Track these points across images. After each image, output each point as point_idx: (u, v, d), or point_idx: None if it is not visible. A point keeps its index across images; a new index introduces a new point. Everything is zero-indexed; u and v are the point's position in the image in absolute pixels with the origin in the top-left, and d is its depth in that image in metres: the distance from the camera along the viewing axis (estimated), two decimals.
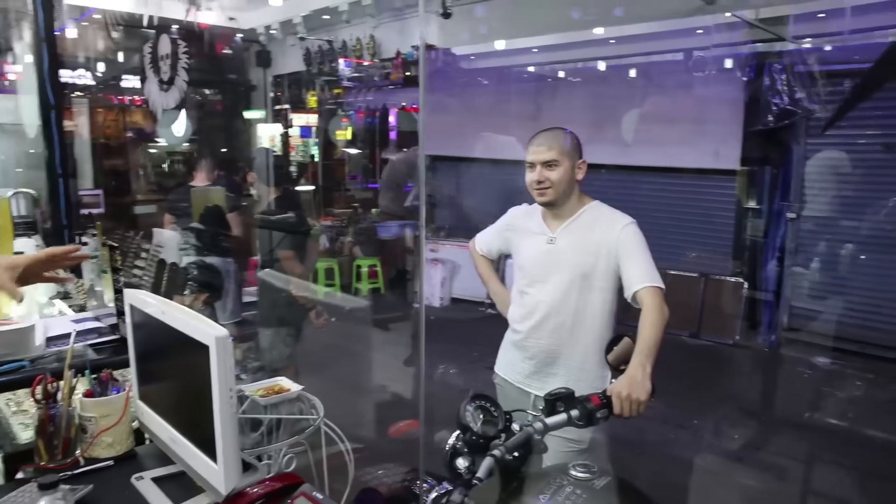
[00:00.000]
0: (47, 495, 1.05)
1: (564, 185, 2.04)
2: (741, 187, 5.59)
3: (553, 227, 2.11)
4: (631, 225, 2.02)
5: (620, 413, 1.68)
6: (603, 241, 2.01)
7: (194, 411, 1.30)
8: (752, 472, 3.41)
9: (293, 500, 1.26)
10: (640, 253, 1.98)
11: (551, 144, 2.04)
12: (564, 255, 2.05)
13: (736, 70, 5.34)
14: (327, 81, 7.90)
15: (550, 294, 2.07)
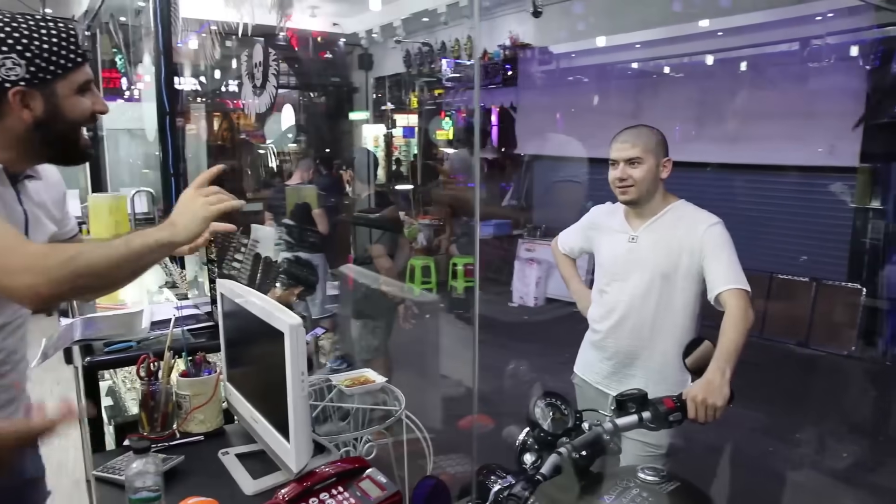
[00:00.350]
0: (139, 458, 1.16)
1: (647, 184, 1.99)
2: (861, 186, 5.16)
3: (635, 225, 2.07)
4: (717, 225, 1.94)
5: (695, 418, 1.62)
6: (686, 240, 1.95)
7: (272, 394, 1.39)
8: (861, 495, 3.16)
9: (360, 481, 1.32)
10: (726, 253, 1.90)
11: (635, 142, 2.00)
12: (646, 254, 2.01)
13: (858, 58, 4.95)
14: (427, 82, 8.05)
15: (630, 293, 2.03)
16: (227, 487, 1.42)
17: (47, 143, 1.26)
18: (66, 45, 1.20)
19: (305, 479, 1.29)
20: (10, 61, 1.16)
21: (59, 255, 1.11)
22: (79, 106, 1.26)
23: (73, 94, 1.24)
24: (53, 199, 1.45)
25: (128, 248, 1.18)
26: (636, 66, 6.71)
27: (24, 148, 1.25)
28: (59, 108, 1.23)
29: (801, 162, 5.26)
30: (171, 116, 2.72)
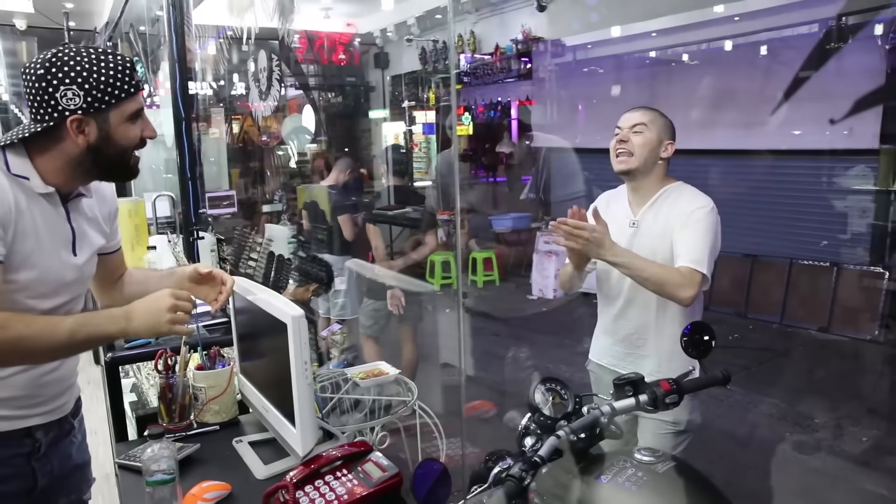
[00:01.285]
0: (155, 444, 1.24)
1: (646, 155, 2.00)
2: (884, 167, 5.07)
3: (636, 210, 2.09)
4: (703, 209, 1.95)
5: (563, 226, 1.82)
6: (677, 222, 1.97)
7: (280, 383, 1.46)
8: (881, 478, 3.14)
9: (363, 463, 1.38)
10: (699, 234, 1.91)
11: (643, 113, 2.03)
12: (646, 238, 2.03)
13: (876, 38, 4.86)
14: (443, 78, 8.09)
15: (633, 280, 2.06)
16: (240, 473, 1.49)
17: (98, 166, 1.36)
18: (121, 77, 1.30)
19: (312, 463, 1.36)
20: (70, 91, 1.25)
21: (3, 333, 1.22)
22: (129, 133, 1.35)
23: (124, 121, 1.33)
24: (104, 215, 1.55)
25: (71, 339, 1.29)
26: (651, 55, 6.68)
27: (76, 170, 1.35)
28: (110, 135, 1.32)
29: (820, 146, 5.19)
30: (186, 121, 2.82)
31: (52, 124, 1.28)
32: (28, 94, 1.28)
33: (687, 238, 1.92)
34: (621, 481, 1.41)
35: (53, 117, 1.27)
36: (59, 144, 1.32)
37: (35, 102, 1.27)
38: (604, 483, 1.41)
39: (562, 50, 6.67)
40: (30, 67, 1.28)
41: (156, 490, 1.23)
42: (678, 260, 1.91)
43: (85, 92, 1.26)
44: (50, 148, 1.32)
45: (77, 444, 1.61)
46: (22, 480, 1.45)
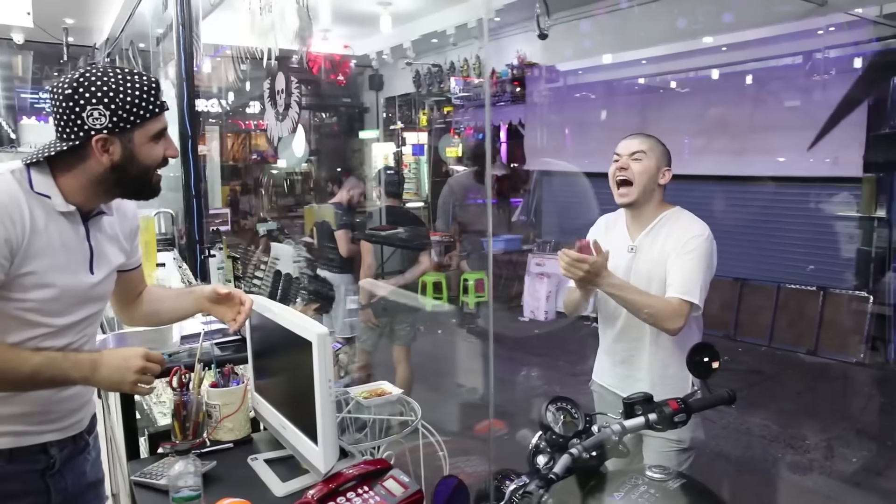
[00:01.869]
0: (182, 459, 1.26)
1: (645, 182, 2.05)
2: (865, 195, 5.22)
3: (634, 235, 2.14)
4: (699, 237, 2.00)
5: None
6: (673, 249, 2.02)
7: (300, 400, 1.48)
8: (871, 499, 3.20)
9: (383, 481, 1.41)
10: (693, 263, 1.97)
11: (642, 140, 2.09)
12: (643, 264, 2.08)
13: (858, 71, 5.03)
14: (437, 101, 8.19)
15: None
16: (258, 490, 1.51)
17: (121, 184, 1.38)
18: (146, 98, 1.32)
19: (332, 480, 1.38)
20: (97, 112, 1.27)
21: None
22: (152, 152, 1.37)
23: (148, 141, 1.36)
24: (125, 232, 1.56)
25: (34, 378, 1.33)
26: (642, 82, 6.82)
27: (99, 188, 1.37)
28: (134, 154, 1.34)
29: (806, 173, 5.33)
30: (193, 139, 2.85)
31: (78, 143, 1.30)
32: (55, 113, 1.30)
33: (680, 268, 1.97)
34: (634, 498, 1.45)
35: (79, 136, 1.29)
36: (84, 163, 1.33)
37: (62, 121, 1.29)
38: (617, 501, 1.45)
39: (555, 75, 6.80)
40: (57, 87, 1.30)
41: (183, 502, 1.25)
42: (669, 289, 1.96)
43: (111, 112, 1.28)
44: (74, 166, 1.34)
45: (91, 461, 1.62)
46: (35, 497, 1.45)
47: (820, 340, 5.15)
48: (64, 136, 1.30)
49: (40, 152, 1.33)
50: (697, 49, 5.95)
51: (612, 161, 2.13)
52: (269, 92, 4.14)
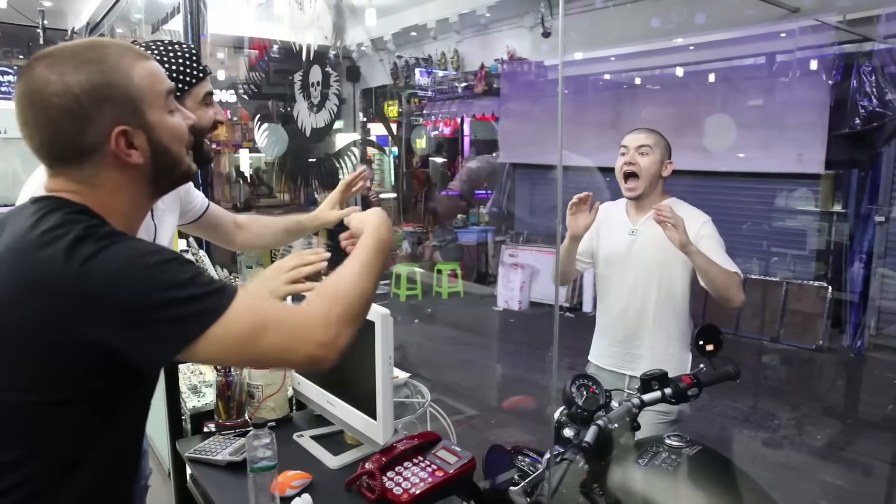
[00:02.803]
0: (260, 432, 1.35)
1: (651, 176, 2.20)
2: (825, 191, 5.54)
3: (635, 219, 2.29)
4: (709, 223, 2.19)
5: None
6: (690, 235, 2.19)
7: (354, 378, 1.59)
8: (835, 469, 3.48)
9: (436, 451, 1.53)
10: (720, 247, 2.15)
11: (648, 135, 2.23)
12: (645, 246, 2.22)
13: (821, 73, 5.31)
14: (411, 94, 8.27)
15: (632, 283, 2.24)
16: (310, 464, 1.61)
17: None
18: (190, 63, 1.39)
19: (388, 452, 1.50)
20: None
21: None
22: (204, 116, 1.43)
23: (198, 106, 1.41)
24: (173, 196, 1.61)
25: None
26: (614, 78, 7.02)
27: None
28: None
29: (772, 169, 5.61)
30: None
31: None
32: None
33: (712, 252, 2.11)
34: (657, 463, 1.61)
35: None
36: None
37: None
38: (642, 466, 1.61)
39: (530, 68, 6.95)
40: None
41: (258, 477, 1.35)
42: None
43: None
44: None
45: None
46: None
47: (782, 328, 5.46)
48: None
49: None
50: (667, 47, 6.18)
51: (619, 154, 2.28)
52: (302, 84, 4.17)
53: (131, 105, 0.91)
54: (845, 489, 3.27)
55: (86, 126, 0.88)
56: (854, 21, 4.93)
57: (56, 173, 0.93)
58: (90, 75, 0.88)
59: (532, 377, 4.99)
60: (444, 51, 7.28)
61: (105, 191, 0.92)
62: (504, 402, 4.21)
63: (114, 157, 0.91)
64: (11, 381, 0.87)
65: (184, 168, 1.01)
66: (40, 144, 0.91)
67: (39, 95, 0.87)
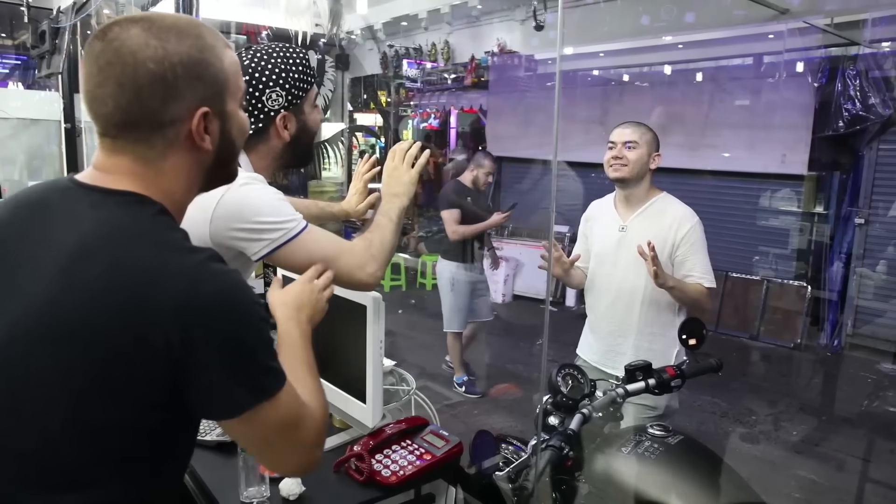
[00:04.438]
0: None
1: (638, 168, 2.26)
2: (808, 192, 5.62)
3: (625, 216, 2.33)
4: (698, 224, 2.24)
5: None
6: (671, 232, 2.23)
7: (343, 361, 1.60)
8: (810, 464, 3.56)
9: (424, 435, 1.55)
10: (701, 252, 2.23)
11: (635, 129, 2.28)
12: (634, 243, 2.23)
13: (807, 75, 5.37)
14: (400, 84, 8.24)
15: (621, 278, 2.29)
16: None
17: (295, 156, 1.45)
18: (306, 70, 1.40)
19: (377, 435, 1.52)
20: (274, 94, 1.34)
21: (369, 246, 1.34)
22: (316, 118, 1.46)
23: (312, 109, 1.44)
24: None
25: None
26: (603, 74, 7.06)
27: (277, 163, 1.44)
28: (306, 124, 1.42)
29: (756, 169, 5.68)
30: None
31: (262, 126, 1.36)
32: None
33: (695, 260, 2.22)
34: (640, 452, 1.65)
35: (260, 119, 1.36)
36: (267, 143, 1.39)
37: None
38: (625, 454, 1.64)
39: (519, 62, 6.95)
40: None
41: (249, 457, 1.35)
42: (697, 280, 2.22)
43: (286, 91, 1.36)
44: (257, 148, 1.38)
45: None
46: None
47: (762, 326, 5.55)
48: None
49: None
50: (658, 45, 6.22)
51: (608, 148, 2.32)
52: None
53: (218, 88, 0.89)
54: (819, 483, 3.35)
55: (173, 98, 0.84)
56: (841, 24, 4.99)
57: (120, 148, 0.87)
58: (190, 49, 0.85)
59: (515, 369, 5.04)
60: (435, 42, 7.27)
61: (169, 177, 0.88)
62: (491, 390, 4.25)
63: (187, 139, 0.87)
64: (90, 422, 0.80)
65: (233, 167, 1.00)
66: (116, 109, 0.84)
67: (133, 57, 0.82)
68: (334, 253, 1.27)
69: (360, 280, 1.31)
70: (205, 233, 1.21)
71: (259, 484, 1.36)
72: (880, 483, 3.43)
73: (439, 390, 4.27)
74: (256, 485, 1.36)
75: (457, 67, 7.37)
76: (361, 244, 1.33)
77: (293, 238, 1.23)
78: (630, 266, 2.26)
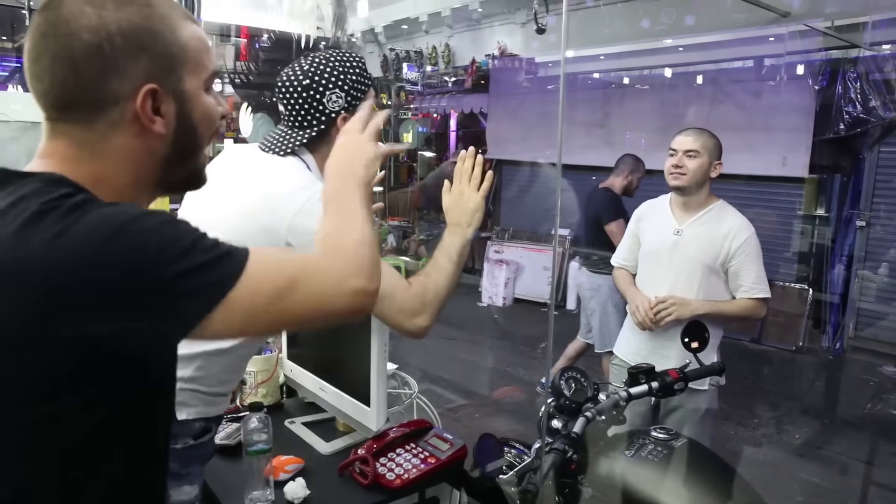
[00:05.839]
0: (254, 417, 1.36)
1: (698, 177, 2.25)
2: (809, 195, 5.62)
3: (681, 219, 2.32)
4: (752, 236, 2.24)
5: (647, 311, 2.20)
6: (728, 239, 2.22)
7: (347, 365, 1.60)
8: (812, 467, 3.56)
9: (428, 438, 1.55)
10: (756, 264, 2.23)
11: (696, 138, 2.27)
12: (690, 246, 2.26)
13: (807, 78, 5.38)
14: (400, 87, 8.26)
15: (673, 280, 2.27)
16: (302, 449, 1.62)
17: None
18: (363, 73, 1.40)
19: (381, 438, 1.52)
20: (334, 95, 1.35)
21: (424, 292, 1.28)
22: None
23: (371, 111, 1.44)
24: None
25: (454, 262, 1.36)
26: (603, 77, 7.07)
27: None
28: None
29: (757, 172, 5.67)
30: None
31: (324, 128, 1.37)
32: (292, 103, 1.36)
33: (748, 272, 2.21)
34: (644, 455, 1.65)
35: (322, 121, 1.37)
36: (329, 146, 1.32)
37: (302, 110, 1.36)
38: (629, 457, 1.64)
39: (520, 65, 6.96)
40: (291, 80, 1.35)
41: (255, 460, 1.36)
42: (748, 292, 2.22)
43: (346, 93, 1.36)
44: (321, 150, 1.37)
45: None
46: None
47: (763, 329, 5.54)
48: (306, 124, 1.37)
49: (286, 143, 1.36)
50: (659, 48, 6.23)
51: (668, 155, 2.31)
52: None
53: (170, 64, 0.78)
54: (821, 486, 3.35)
55: (112, 72, 0.75)
56: (841, 27, 5.00)
57: (57, 132, 0.78)
58: (132, 16, 0.75)
59: (516, 372, 5.03)
60: (436, 45, 7.29)
61: (108, 161, 0.78)
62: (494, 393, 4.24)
63: (133, 121, 0.77)
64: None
65: (198, 164, 0.87)
66: (51, 85, 0.75)
67: (67, 26, 0.73)
68: (388, 291, 1.17)
69: (406, 330, 1.25)
70: (282, 233, 1.24)
71: (264, 487, 1.36)
72: (884, 486, 3.42)
73: (441, 393, 4.26)
74: (261, 488, 1.36)
75: (457, 70, 7.38)
76: (417, 288, 1.26)
77: None
78: (685, 269, 2.27)
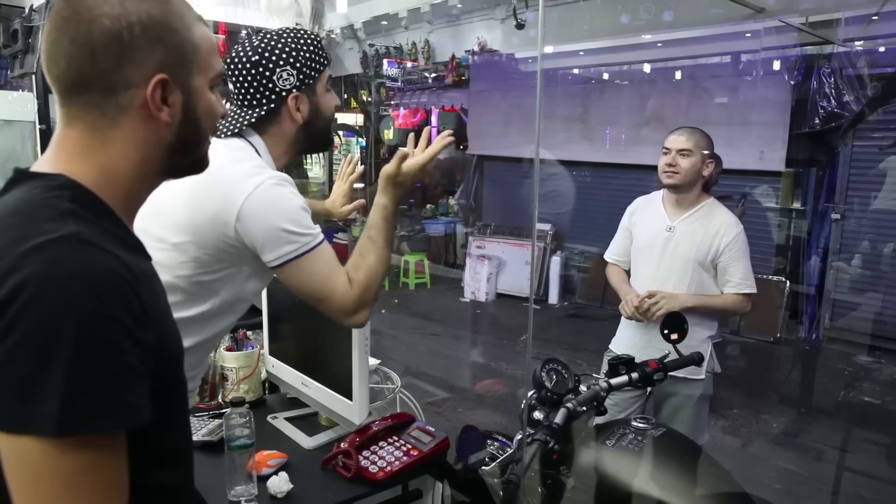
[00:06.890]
0: (237, 413, 1.36)
1: (691, 175, 2.28)
2: (785, 189, 5.71)
3: (673, 216, 2.35)
4: (740, 233, 2.28)
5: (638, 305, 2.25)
6: (718, 237, 2.26)
7: (329, 360, 1.60)
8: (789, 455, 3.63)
9: (410, 431, 1.56)
10: (744, 260, 2.27)
11: (689, 137, 2.29)
12: (682, 243, 2.29)
13: (783, 73, 5.45)
14: (380, 83, 8.23)
15: (665, 276, 2.31)
16: (285, 444, 1.62)
17: (310, 140, 1.41)
18: (318, 51, 1.35)
19: (363, 432, 1.52)
20: (284, 73, 1.30)
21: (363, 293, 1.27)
22: (330, 102, 1.40)
23: (325, 91, 1.39)
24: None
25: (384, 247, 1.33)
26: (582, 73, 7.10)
27: (293, 149, 1.39)
28: (319, 107, 1.37)
29: (735, 166, 5.73)
30: None
31: (273, 107, 1.32)
32: (241, 82, 1.31)
33: (736, 268, 2.26)
34: (624, 444, 1.67)
35: (272, 100, 1.31)
36: (280, 126, 1.35)
37: (251, 88, 1.30)
38: (609, 447, 1.66)
39: (500, 61, 6.97)
40: (239, 57, 1.31)
41: (237, 455, 1.35)
42: (734, 288, 2.27)
43: (297, 70, 1.31)
44: (270, 131, 1.34)
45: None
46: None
47: (742, 321, 5.61)
48: (255, 103, 1.32)
49: (234, 123, 1.31)
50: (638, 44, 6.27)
51: (662, 153, 2.33)
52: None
53: (182, 58, 0.83)
54: (798, 474, 3.41)
55: (127, 60, 0.78)
56: (815, 24, 5.07)
57: (71, 118, 0.81)
58: (152, 9, 0.79)
59: (499, 366, 5.06)
60: (416, 41, 7.26)
61: (117, 148, 0.81)
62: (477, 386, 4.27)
63: (141, 107, 0.80)
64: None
65: (201, 153, 0.91)
66: (67, 68, 0.78)
67: (89, 12, 0.76)
68: (329, 289, 1.24)
69: (346, 324, 1.32)
70: (230, 222, 1.20)
71: (247, 482, 1.36)
72: (857, 472, 3.49)
73: (424, 388, 4.28)
74: (244, 483, 1.36)
75: (437, 66, 7.37)
76: (357, 290, 1.26)
77: (305, 253, 1.22)
78: (677, 265, 2.30)
